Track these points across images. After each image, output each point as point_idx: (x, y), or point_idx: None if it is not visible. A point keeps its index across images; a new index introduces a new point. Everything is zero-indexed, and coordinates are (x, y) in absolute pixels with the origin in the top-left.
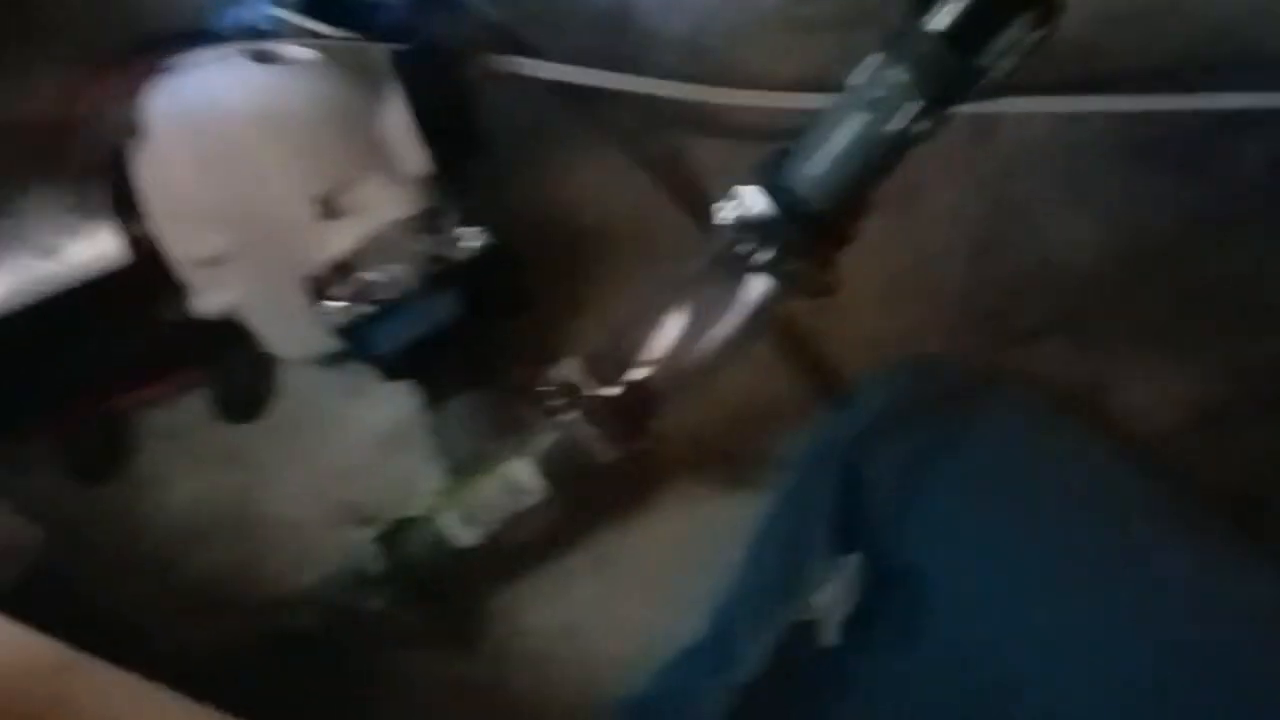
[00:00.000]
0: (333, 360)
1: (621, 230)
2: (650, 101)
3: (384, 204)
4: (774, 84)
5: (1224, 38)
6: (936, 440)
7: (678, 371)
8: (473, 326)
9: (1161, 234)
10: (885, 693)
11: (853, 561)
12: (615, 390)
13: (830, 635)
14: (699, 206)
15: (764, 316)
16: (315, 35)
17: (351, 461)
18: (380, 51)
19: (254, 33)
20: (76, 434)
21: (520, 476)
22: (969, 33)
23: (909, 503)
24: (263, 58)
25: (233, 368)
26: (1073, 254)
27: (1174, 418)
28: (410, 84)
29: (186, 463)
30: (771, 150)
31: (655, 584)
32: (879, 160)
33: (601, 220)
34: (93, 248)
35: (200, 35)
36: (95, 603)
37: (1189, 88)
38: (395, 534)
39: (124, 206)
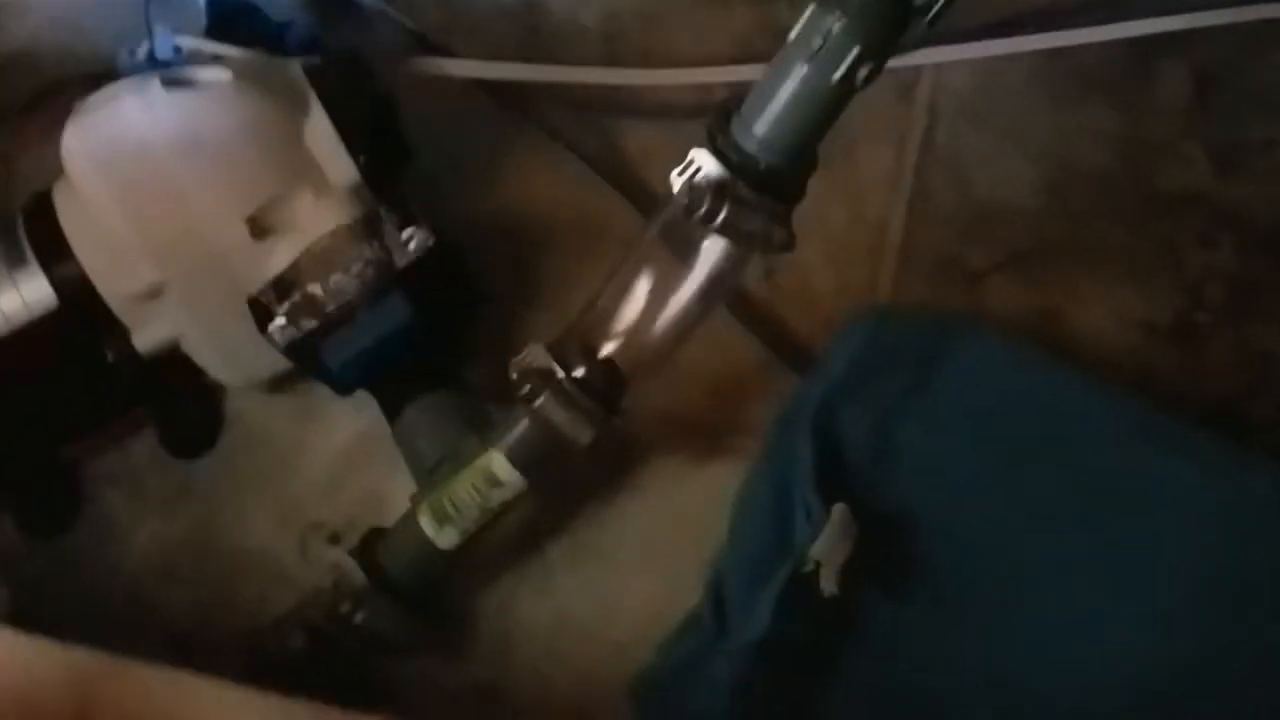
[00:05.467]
0: (279, 384)
1: (563, 219)
2: (575, 91)
3: (317, 217)
4: (694, 62)
5: None
6: (903, 388)
7: (645, 345)
8: (423, 330)
9: (1095, 163)
10: (892, 638)
11: (841, 510)
12: (584, 370)
13: (830, 584)
14: (636, 189)
15: (725, 280)
16: (223, 58)
17: (311, 483)
18: (295, 66)
19: (161, 64)
20: (26, 488)
21: (494, 469)
22: None
23: (884, 452)
24: (176, 83)
25: (177, 404)
26: (1010, 194)
27: (1131, 338)
28: (328, 95)
29: (142, 504)
30: (718, 109)
31: (643, 562)
32: (824, 112)
33: (542, 213)
34: (22, 296)
35: (107, 76)
36: None
37: (1100, 20)
38: (373, 545)
39: (49, 250)
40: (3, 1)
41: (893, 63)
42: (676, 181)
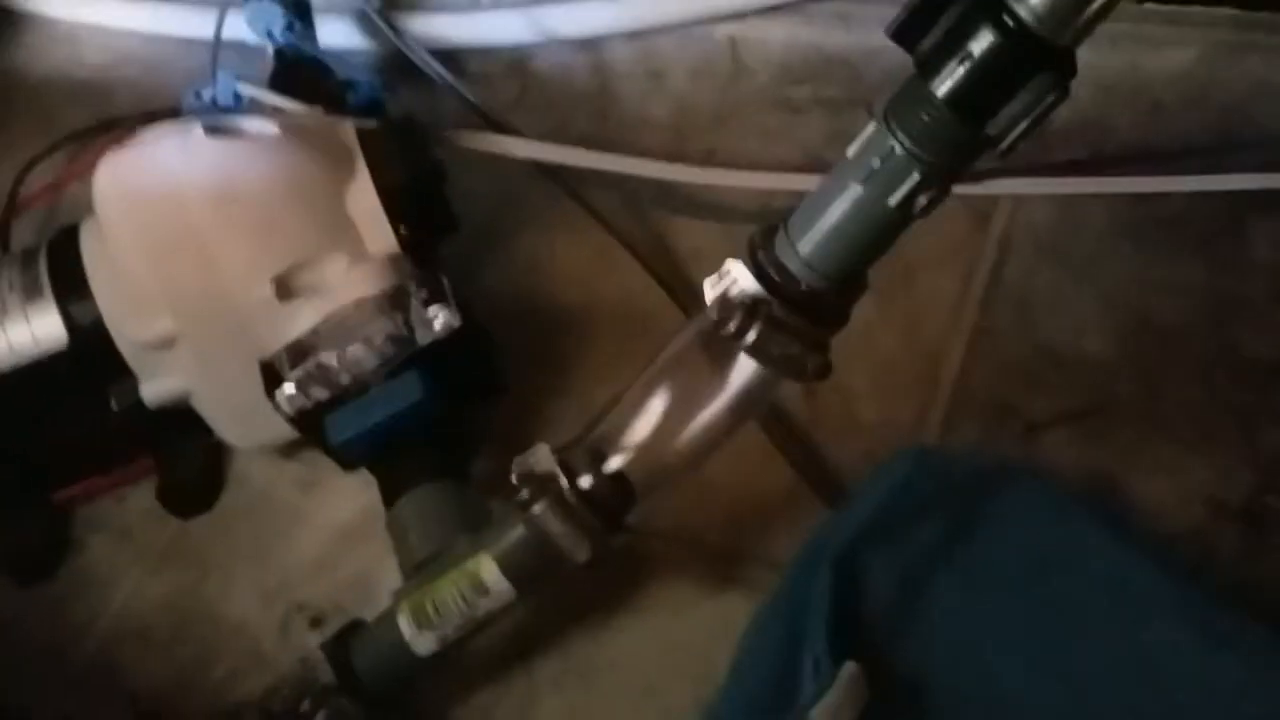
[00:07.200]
0: (288, 450)
1: (603, 313)
2: (632, 182)
3: (347, 283)
4: (760, 166)
5: (1230, 117)
6: (940, 538)
7: (660, 461)
8: (439, 413)
9: (1172, 318)
10: None
11: (850, 671)
12: (590, 480)
13: None
14: (683, 289)
15: (753, 402)
16: (280, 111)
17: (304, 558)
18: (347, 127)
19: (221, 110)
20: (12, 529)
21: (483, 576)
22: (976, 98)
23: (912, 607)
24: (219, 130)
25: (180, 458)
26: (1078, 340)
27: (1194, 515)
28: (377, 160)
29: (129, 560)
30: (763, 226)
31: (634, 695)
32: (876, 237)
33: (583, 302)
34: (33, 331)
35: (173, 115)
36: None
37: (1196, 169)
38: (347, 640)
39: (68, 287)
40: (85, 30)
41: (969, 189)
42: (709, 291)
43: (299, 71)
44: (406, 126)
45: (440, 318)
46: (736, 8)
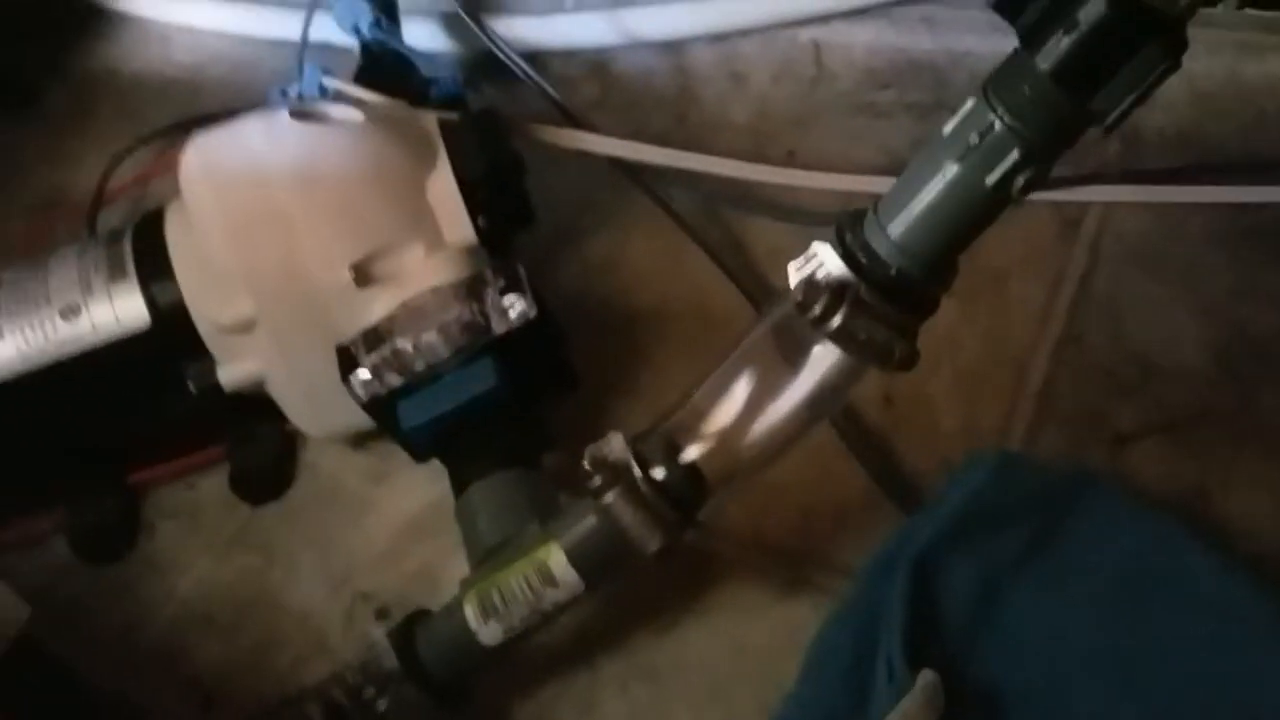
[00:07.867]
0: (360, 440)
1: (678, 312)
2: (710, 183)
3: (424, 272)
4: (841, 169)
5: None
6: (1021, 547)
7: (735, 453)
8: (510, 404)
9: (1269, 329)
10: None
11: (928, 679)
12: (663, 471)
13: None
14: (759, 289)
15: (833, 393)
16: (365, 102)
17: (371, 549)
18: (430, 118)
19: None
20: (87, 509)
21: (551, 565)
22: (1082, 70)
23: (989, 616)
24: (305, 116)
25: (254, 445)
26: (1170, 351)
27: None
28: (457, 150)
29: (199, 545)
30: (851, 209)
31: (699, 697)
32: (972, 219)
33: (657, 301)
34: (115, 310)
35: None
36: (92, 688)
37: None
38: (412, 628)
39: (151, 267)
40: (176, 30)
41: (1059, 195)
42: (793, 275)
43: (384, 66)
44: (488, 118)
45: (516, 307)
46: (820, 11)
